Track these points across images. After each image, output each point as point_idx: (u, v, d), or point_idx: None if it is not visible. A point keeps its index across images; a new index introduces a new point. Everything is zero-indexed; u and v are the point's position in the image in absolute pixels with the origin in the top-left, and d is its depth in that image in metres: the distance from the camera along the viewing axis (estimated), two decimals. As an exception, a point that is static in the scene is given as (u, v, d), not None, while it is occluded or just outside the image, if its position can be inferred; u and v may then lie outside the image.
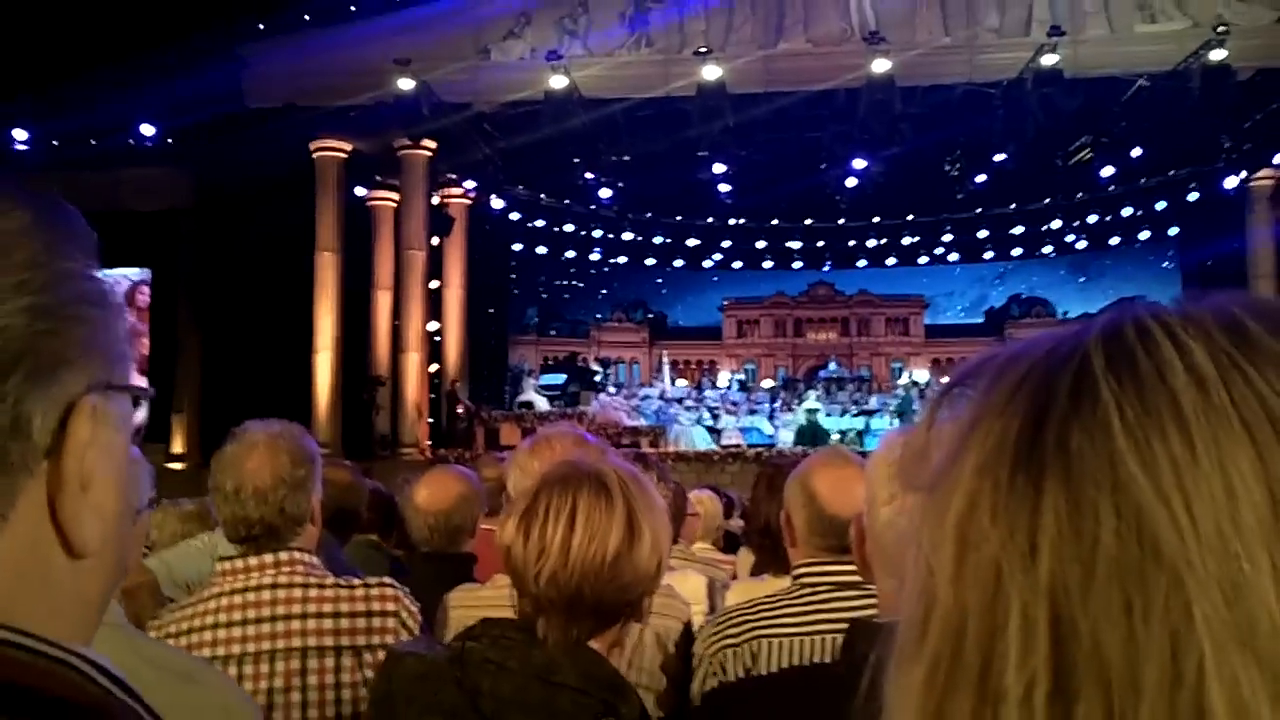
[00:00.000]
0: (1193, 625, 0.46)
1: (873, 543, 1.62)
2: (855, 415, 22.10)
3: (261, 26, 17.28)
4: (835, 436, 19.33)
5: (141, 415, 0.78)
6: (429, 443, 17.96)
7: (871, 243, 26.75)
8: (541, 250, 26.72)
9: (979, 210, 23.86)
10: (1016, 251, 27.64)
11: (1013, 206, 23.81)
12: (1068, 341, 0.55)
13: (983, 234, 25.55)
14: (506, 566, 1.67)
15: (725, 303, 35.02)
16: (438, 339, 19.36)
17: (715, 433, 21.03)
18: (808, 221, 25.66)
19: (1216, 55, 14.86)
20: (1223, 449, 0.48)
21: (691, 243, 26.58)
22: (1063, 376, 0.53)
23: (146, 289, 19.30)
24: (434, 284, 19.03)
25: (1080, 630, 0.47)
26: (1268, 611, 0.46)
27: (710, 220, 25.45)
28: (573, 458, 1.73)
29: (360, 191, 18.71)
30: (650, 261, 28.03)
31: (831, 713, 1.28)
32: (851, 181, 19.85)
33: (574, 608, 1.63)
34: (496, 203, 21.53)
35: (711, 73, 15.75)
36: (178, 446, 18.41)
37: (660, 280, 32.23)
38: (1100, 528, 0.48)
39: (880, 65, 15.38)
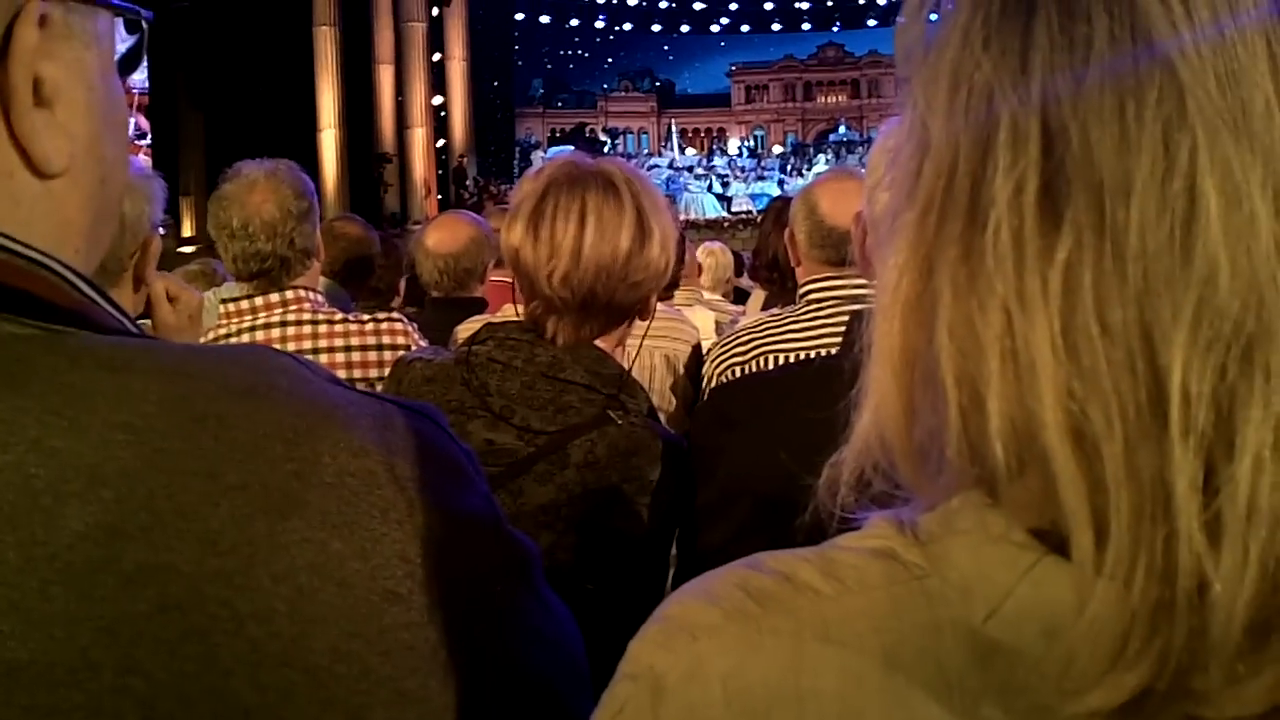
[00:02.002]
0: (1185, 115, 0.46)
1: (873, 233, 1.61)
2: (866, 178, 21.92)
3: None
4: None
5: (122, 44, 0.76)
6: (439, 219, 17.85)
7: (882, 0, 25.98)
8: (545, 19, 26.01)
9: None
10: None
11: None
12: None
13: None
14: (514, 270, 1.65)
15: (733, 68, 34.17)
16: (443, 114, 19.08)
17: (725, 200, 20.95)
18: (817, -22, 24.88)
19: None
20: None
21: (698, 5, 25.82)
22: None
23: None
24: (436, 57, 18.64)
25: (1071, 136, 0.48)
26: (1262, 95, 0.47)
27: (717, -20, 24.69)
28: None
29: (355, -40, 18.11)
30: (656, 28, 27.30)
31: (834, 396, 1.30)
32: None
33: (587, 308, 1.62)
34: (496, -32, 20.87)
35: None
36: (187, 230, 18.39)
37: (667, 47, 31.42)
38: (1094, 31, 0.48)
39: None
